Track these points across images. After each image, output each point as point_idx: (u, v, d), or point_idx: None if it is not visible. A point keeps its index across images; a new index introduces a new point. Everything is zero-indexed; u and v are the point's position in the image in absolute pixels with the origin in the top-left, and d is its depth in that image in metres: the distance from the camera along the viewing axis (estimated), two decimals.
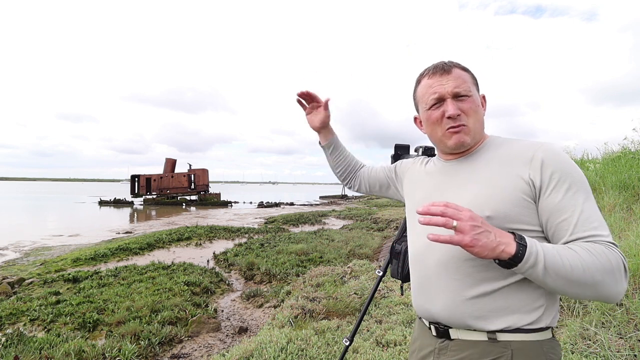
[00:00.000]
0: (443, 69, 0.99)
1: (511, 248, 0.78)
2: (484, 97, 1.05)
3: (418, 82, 1.06)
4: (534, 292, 0.89)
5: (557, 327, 2.80)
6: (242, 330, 5.02)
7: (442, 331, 0.97)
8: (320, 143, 1.45)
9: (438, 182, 1.06)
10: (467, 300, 0.91)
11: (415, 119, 1.13)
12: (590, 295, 0.81)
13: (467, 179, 0.99)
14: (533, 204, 0.89)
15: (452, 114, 0.95)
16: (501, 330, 0.89)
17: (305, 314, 4.41)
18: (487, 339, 0.90)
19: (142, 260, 9.75)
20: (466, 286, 0.92)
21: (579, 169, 0.91)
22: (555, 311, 0.93)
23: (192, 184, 42.38)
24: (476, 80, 1.04)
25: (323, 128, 1.41)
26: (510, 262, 0.79)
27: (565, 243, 0.85)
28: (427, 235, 0.83)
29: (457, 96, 0.97)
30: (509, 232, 0.82)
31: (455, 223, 0.78)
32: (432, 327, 1.01)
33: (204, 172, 43.21)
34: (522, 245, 0.79)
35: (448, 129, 0.98)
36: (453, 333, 0.95)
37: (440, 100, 0.98)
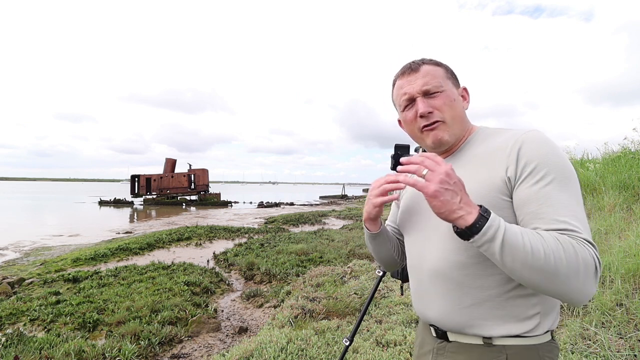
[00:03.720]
0: (411, 68, 0.99)
1: (470, 217, 0.75)
2: (464, 89, 1.03)
3: (393, 84, 1.06)
4: (528, 301, 0.87)
5: (557, 327, 2.80)
6: (242, 330, 5.02)
7: (441, 333, 0.98)
8: (369, 230, 1.12)
9: None
10: (461, 309, 0.91)
11: (399, 121, 1.12)
12: (551, 289, 0.75)
13: None
14: (511, 201, 0.86)
15: (422, 112, 0.95)
16: (497, 336, 0.89)
17: (305, 314, 4.41)
18: (482, 342, 0.90)
19: (142, 260, 9.75)
20: (459, 295, 0.91)
21: (565, 159, 0.85)
22: (555, 316, 0.91)
23: (192, 184, 42.38)
24: (452, 74, 1.01)
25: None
26: (467, 232, 0.76)
27: None
28: (397, 174, 0.83)
29: (427, 94, 0.96)
30: (478, 205, 0.79)
31: (425, 171, 0.77)
32: (431, 328, 1.01)
33: (204, 172, 43.21)
34: (483, 218, 0.75)
35: (423, 127, 0.98)
36: (451, 336, 0.96)
37: (411, 101, 0.98)
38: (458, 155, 1.00)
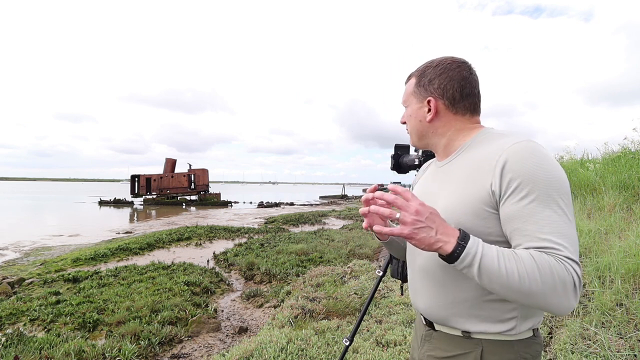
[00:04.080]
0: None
1: (449, 247, 0.81)
2: (428, 102, 1.02)
3: None
4: (506, 305, 0.91)
5: (557, 327, 2.80)
6: (242, 330, 5.02)
7: (428, 322, 1.06)
8: (378, 239, 1.23)
9: (426, 187, 1.11)
10: (442, 305, 0.99)
11: None
12: (529, 304, 0.80)
13: (443, 186, 1.01)
14: (496, 213, 0.88)
15: (400, 121, 1.14)
16: (474, 332, 0.95)
17: (305, 314, 4.41)
18: (461, 334, 0.97)
19: (142, 260, 9.74)
20: (441, 292, 0.98)
21: (553, 172, 0.84)
22: (536, 318, 0.94)
23: (192, 184, 42.35)
24: (422, 85, 1.03)
25: None
26: (447, 259, 0.82)
27: None
28: (373, 225, 0.91)
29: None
30: (458, 229, 0.84)
31: (398, 215, 0.82)
32: (421, 316, 1.10)
33: (204, 172, 43.19)
34: (460, 245, 0.80)
35: None
36: (436, 325, 1.04)
37: None
38: (458, 157, 1.01)
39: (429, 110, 1.02)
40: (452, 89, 1.00)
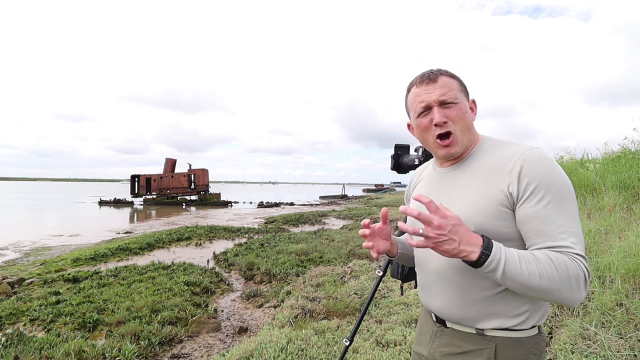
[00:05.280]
0: (429, 77, 1.04)
1: (473, 256, 0.87)
2: (473, 101, 1.10)
3: (408, 90, 1.11)
4: (519, 300, 0.98)
5: (557, 327, 2.80)
6: (242, 330, 5.02)
7: (440, 319, 1.11)
8: (388, 256, 1.25)
9: (433, 193, 1.14)
10: (459, 306, 1.03)
11: (408, 125, 1.18)
12: (545, 299, 0.90)
13: (456, 192, 1.05)
14: (512, 213, 0.96)
15: (438, 122, 1.01)
16: (488, 329, 1.00)
17: (305, 314, 4.41)
18: (475, 332, 1.02)
19: (142, 260, 9.74)
20: (458, 293, 1.03)
21: (562, 177, 0.93)
22: (542, 313, 1.02)
23: (192, 184, 42.35)
24: (464, 87, 1.08)
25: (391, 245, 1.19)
26: (473, 265, 0.89)
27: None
28: (407, 240, 0.95)
29: (443, 104, 1.02)
30: (481, 235, 0.90)
31: (421, 231, 0.88)
32: (432, 314, 1.15)
33: (204, 172, 43.19)
34: (485, 254, 0.87)
35: (437, 136, 1.04)
36: (448, 323, 1.08)
37: (427, 109, 1.04)
38: (464, 163, 1.07)
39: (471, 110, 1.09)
40: None
